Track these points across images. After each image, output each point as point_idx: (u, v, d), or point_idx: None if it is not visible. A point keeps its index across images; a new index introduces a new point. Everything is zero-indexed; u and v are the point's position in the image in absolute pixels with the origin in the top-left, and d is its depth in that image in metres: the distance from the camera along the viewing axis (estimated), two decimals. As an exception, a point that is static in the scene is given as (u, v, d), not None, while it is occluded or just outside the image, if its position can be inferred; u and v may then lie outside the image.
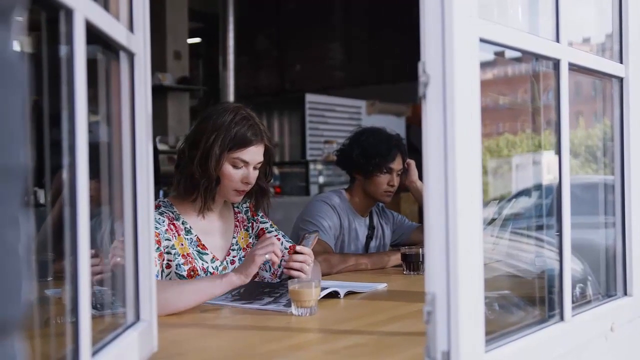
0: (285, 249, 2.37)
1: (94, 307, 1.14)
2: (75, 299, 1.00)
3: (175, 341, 1.63)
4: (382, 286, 2.36)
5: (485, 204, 1.29)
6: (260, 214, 2.46)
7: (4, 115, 0.53)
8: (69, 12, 0.99)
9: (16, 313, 0.56)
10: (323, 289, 2.03)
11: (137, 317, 1.37)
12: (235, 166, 2.21)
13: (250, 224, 2.43)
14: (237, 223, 2.39)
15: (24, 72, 0.57)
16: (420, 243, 2.97)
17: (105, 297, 1.49)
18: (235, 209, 2.41)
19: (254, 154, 2.23)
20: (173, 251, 2.15)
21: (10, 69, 0.54)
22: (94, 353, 1.09)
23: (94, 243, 1.07)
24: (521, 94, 2.05)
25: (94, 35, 1.11)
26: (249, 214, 2.44)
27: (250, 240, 2.40)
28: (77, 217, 1.01)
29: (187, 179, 2.21)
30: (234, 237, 2.35)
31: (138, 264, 1.37)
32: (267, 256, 1.98)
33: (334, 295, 2.11)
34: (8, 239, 0.54)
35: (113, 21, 1.22)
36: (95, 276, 1.55)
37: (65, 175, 1.01)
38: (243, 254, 2.34)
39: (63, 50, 1.02)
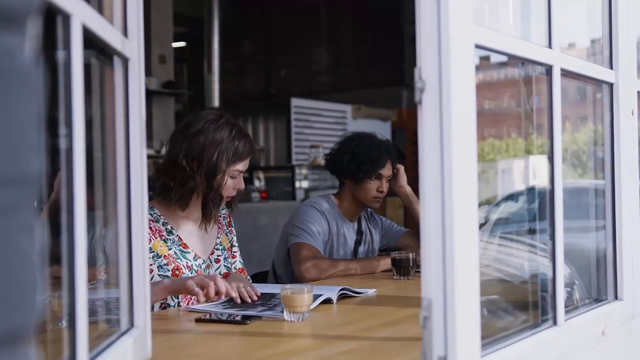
0: (235, 268, 2.44)
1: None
2: (73, 305, 1.00)
3: (169, 348, 1.62)
4: (372, 292, 2.36)
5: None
6: (231, 228, 2.54)
7: (20, 122, 0.53)
8: (67, 17, 0.98)
9: (31, 321, 0.55)
10: (316, 295, 2.03)
11: (131, 324, 1.36)
12: (232, 177, 2.31)
13: (230, 230, 2.52)
14: (220, 225, 2.47)
15: (38, 78, 0.56)
16: (409, 248, 2.97)
17: (96, 304, 1.48)
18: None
19: (247, 163, 2.35)
20: (151, 254, 2.19)
21: (26, 76, 0.54)
22: (90, 360, 1.09)
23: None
24: (507, 98, 2.07)
25: (89, 40, 1.11)
26: (226, 220, 2.53)
27: (229, 244, 2.50)
28: (74, 223, 1.00)
29: (188, 193, 2.26)
30: (218, 237, 2.44)
31: (132, 270, 1.36)
32: (195, 289, 1.93)
33: (326, 300, 2.11)
34: (23, 247, 0.54)
35: (108, 26, 1.21)
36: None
37: (62, 180, 1.01)
38: (227, 254, 2.45)
39: (60, 54, 1.01)
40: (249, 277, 2.51)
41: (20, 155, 0.54)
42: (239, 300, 2.06)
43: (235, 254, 2.51)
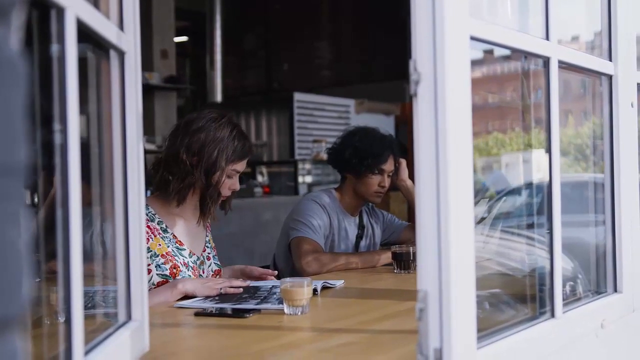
0: (212, 271, 2.45)
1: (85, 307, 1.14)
2: (68, 299, 1.00)
3: (167, 341, 1.62)
4: (340, 283, 2.37)
5: (475, 202, 1.29)
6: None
7: (5, 113, 0.53)
8: (60, 11, 0.99)
9: (17, 310, 0.56)
10: None
11: (129, 317, 1.37)
12: (229, 176, 2.33)
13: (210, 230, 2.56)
14: (208, 225, 2.51)
15: (23, 70, 0.57)
16: (410, 242, 2.97)
17: (95, 297, 1.49)
18: None
19: (245, 164, 2.38)
20: (149, 253, 2.21)
21: (11, 67, 0.54)
22: (86, 352, 1.09)
23: (83, 244, 1.07)
24: (510, 92, 2.06)
25: (84, 34, 1.11)
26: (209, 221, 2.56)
27: (213, 243, 2.54)
28: (69, 218, 1.00)
29: (186, 188, 2.28)
30: (207, 236, 2.48)
31: (129, 263, 1.37)
32: (221, 291, 2.13)
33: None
34: (9, 236, 0.54)
35: (104, 20, 1.21)
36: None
37: (57, 175, 1.01)
38: (214, 252, 2.49)
39: (54, 48, 1.01)
40: None
41: (5, 146, 0.54)
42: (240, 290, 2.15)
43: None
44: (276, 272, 2.49)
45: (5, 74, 0.54)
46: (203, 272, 2.38)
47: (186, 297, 2.10)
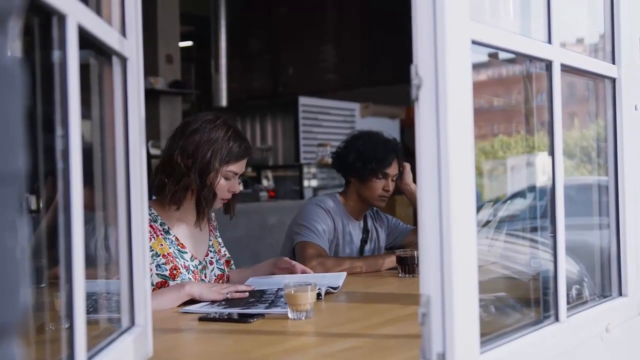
0: (214, 275, 2.45)
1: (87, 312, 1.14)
2: (70, 304, 1.00)
3: (170, 347, 1.62)
4: (342, 275, 2.41)
5: (480, 205, 1.29)
6: (217, 232, 2.57)
7: (2, 120, 0.53)
8: (62, 18, 0.99)
9: (14, 317, 0.56)
10: None
11: (132, 322, 1.37)
12: (226, 178, 2.32)
13: (217, 234, 2.56)
14: (211, 228, 2.51)
15: (21, 77, 0.57)
16: (414, 245, 2.97)
17: (98, 300, 1.49)
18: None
19: (243, 166, 2.37)
20: (151, 253, 2.22)
21: (8, 74, 0.54)
22: (89, 358, 1.09)
23: (87, 249, 1.07)
24: (516, 95, 2.06)
25: (86, 40, 1.11)
26: (215, 224, 2.57)
27: (220, 246, 2.54)
28: (71, 223, 1.00)
29: (182, 190, 2.28)
30: (210, 240, 2.48)
31: (132, 269, 1.37)
32: (227, 295, 2.13)
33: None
34: (6, 244, 0.54)
35: (105, 26, 1.22)
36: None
37: (59, 181, 1.01)
38: (218, 256, 2.48)
39: (55, 55, 1.02)
40: (232, 266, 2.59)
41: (3, 153, 0.54)
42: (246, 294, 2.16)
43: (225, 252, 2.57)
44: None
45: (2, 81, 0.54)
46: (205, 277, 2.37)
47: (191, 300, 2.10)
